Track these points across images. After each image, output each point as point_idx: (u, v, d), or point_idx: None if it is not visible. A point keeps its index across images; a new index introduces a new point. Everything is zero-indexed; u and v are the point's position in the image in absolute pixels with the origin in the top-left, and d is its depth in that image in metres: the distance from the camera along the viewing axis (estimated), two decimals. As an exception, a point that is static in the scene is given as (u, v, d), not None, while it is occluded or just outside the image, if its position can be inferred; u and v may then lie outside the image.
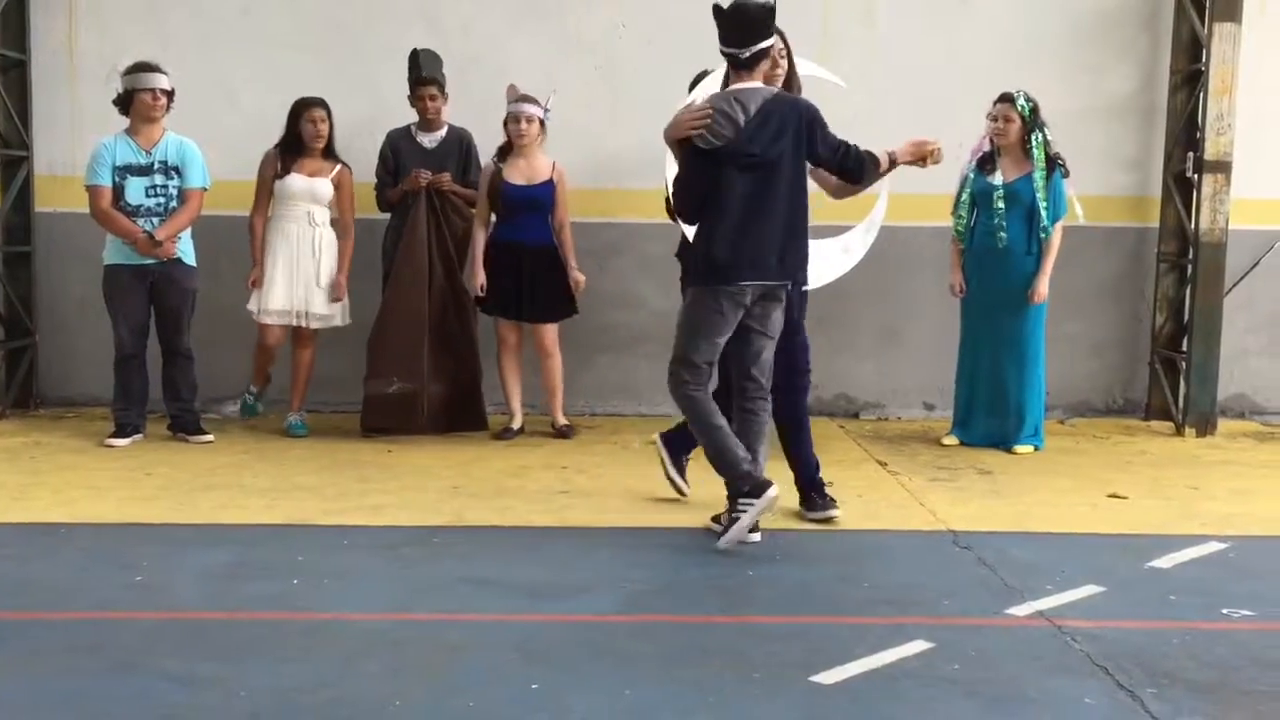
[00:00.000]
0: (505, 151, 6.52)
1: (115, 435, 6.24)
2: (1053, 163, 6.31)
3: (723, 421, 4.62)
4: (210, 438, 6.35)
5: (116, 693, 3.24)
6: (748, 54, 4.52)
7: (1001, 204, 6.28)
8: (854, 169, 4.64)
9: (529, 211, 6.48)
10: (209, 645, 3.57)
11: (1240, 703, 3.25)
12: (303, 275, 6.41)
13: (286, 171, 6.40)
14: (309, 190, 6.41)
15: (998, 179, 6.34)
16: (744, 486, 4.52)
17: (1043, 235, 6.30)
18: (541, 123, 6.47)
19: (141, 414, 6.37)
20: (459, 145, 6.61)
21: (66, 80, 7.14)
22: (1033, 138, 6.27)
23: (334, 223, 6.54)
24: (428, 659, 3.48)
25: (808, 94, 4.93)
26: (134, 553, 4.42)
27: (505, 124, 6.48)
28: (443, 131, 6.61)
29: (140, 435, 6.32)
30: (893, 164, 4.71)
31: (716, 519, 4.74)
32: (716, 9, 4.54)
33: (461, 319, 6.47)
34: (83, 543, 4.59)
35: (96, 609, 3.87)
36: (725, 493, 4.63)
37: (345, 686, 3.28)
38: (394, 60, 6.67)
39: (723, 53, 4.59)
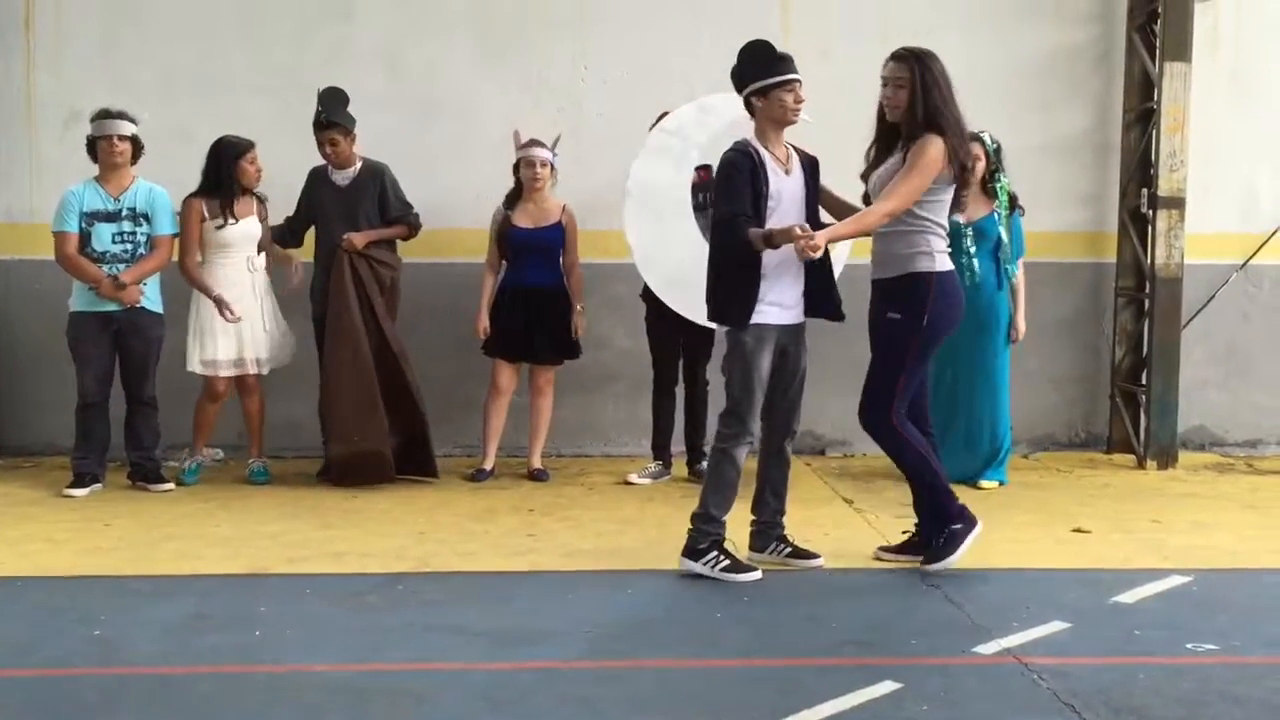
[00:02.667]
0: (514, 198, 6.54)
1: (74, 485, 6.16)
2: (1013, 201, 6.43)
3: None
4: (171, 486, 6.28)
5: (73, 752, 3.17)
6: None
7: (971, 242, 6.38)
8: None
9: (535, 254, 6.49)
10: (169, 701, 3.51)
11: (1206, 739, 3.26)
12: (248, 321, 6.33)
13: (225, 218, 6.26)
14: (246, 236, 6.33)
15: (962, 218, 6.42)
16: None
17: (1010, 272, 6.43)
18: (551, 166, 6.49)
19: (101, 462, 6.29)
20: (373, 181, 6.49)
21: (24, 126, 7.09)
22: (996, 177, 6.39)
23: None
24: (392, 710, 3.43)
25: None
26: (92, 606, 4.34)
27: (516, 169, 6.51)
28: (355, 168, 6.50)
29: (99, 485, 6.24)
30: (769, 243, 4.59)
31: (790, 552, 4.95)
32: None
33: (398, 373, 6.36)
34: (39, 597, 4.51)
35: (53, 665, 3.80)
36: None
37: (308, 741, 3.24)
38: (355, 103, 6.66)
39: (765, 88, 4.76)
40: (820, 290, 4.83)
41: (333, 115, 6.35)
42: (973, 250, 6.37)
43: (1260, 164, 7.51)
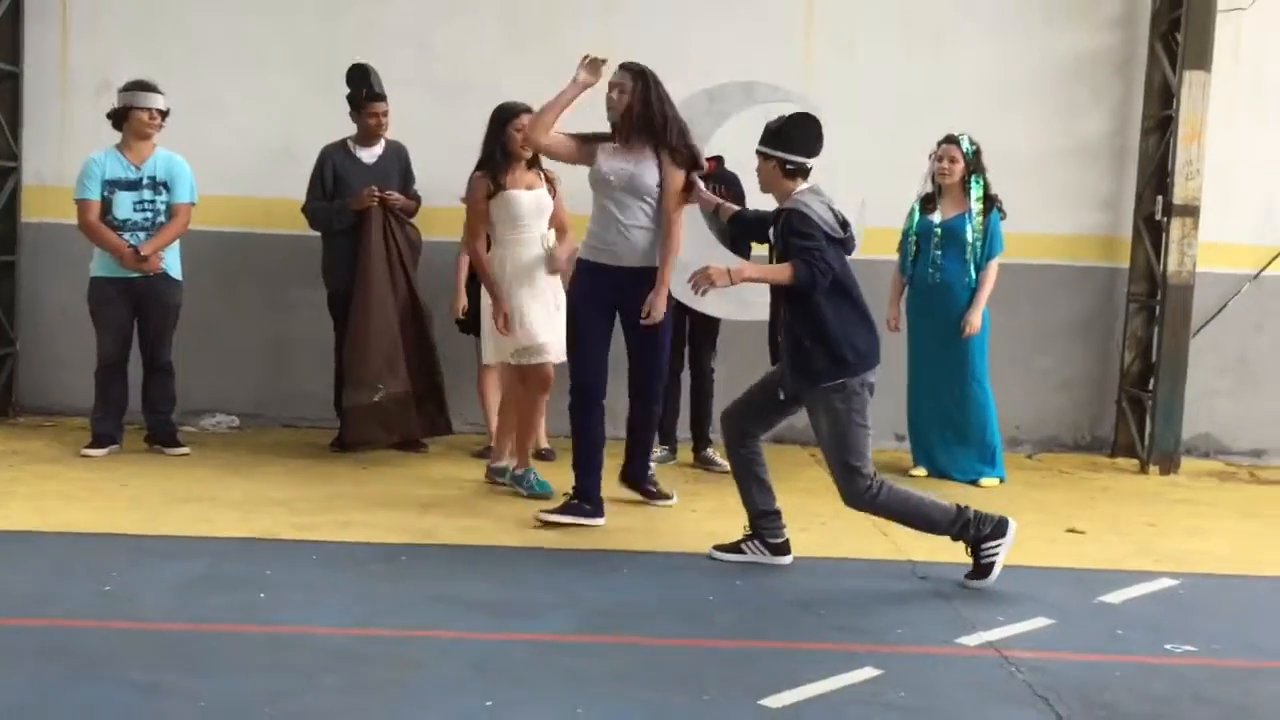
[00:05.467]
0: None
1: (92, 445, 6.31)
2: (991, 203, 6.49)
3: (915, 492, 4.71)
4: (186, 450, 6.42)
5: (78, 700, 3.31)
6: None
7: (939, 243, 6.45)
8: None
9: None
10: (173, 655, 3.64)
11: (1174, 736, 3.34)
12: (545, 304, 5.68)
13: (500, 188, 5.66)
14: (537, 208, 5.75)
15: (937, 218, 6.51)
16: (985, 529, 4.57)
17: (974, 272, 6.46)
18: None
19: (119, 425, 6.44)
20: (397, 159, 6.64)
21: (58, 93, 7.23)
22: (973, 179, 6.46)
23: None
24: (387, 674, 3.55)
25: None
26: (105, 563, 4.49)
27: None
28: (380, 146, 6.63)
29: (117, 446, 6.39)
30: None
31: (719, 547, 4.89)
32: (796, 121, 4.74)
33: (421, 328, 6.55)
34: (55, 551, 4.66)
35: (65, 617, 3.94)
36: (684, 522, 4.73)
37: (304, 699, 3.36)
38: (384, 82, 6.76)
39: (798, 164, 4.70)
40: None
41: (378, 87, 6.48)
42: (939, 252, 6.45)
43: (1278, 175, 7.52)
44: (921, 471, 6.67)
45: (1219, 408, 7.62)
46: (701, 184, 5.42)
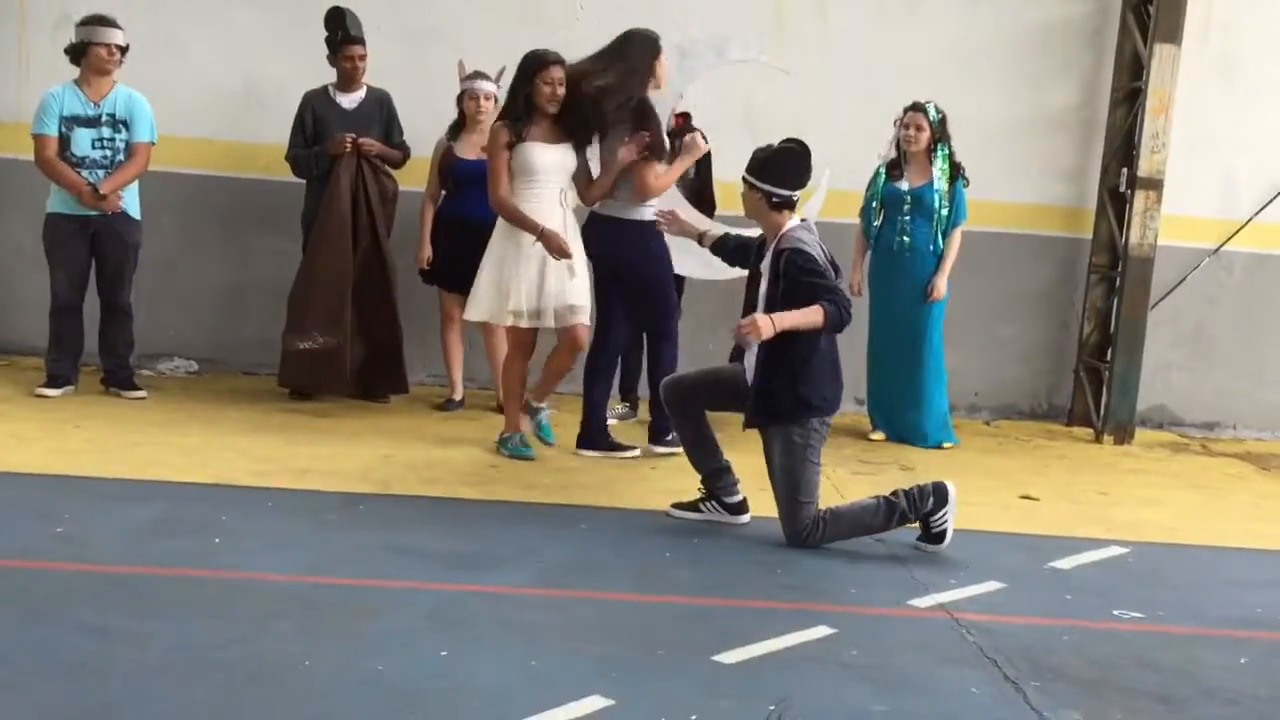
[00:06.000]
0: (458, 128, 6.56)
1: (47, 385, 6.23)
2: (956, 170, 6.53)
3: (845, 510, 4.64)
4: (143, 394, 6.35)
5: (27, 641, 3.27)
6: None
7: (909, 209, 6.49)
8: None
9: (479, 186, 6.51)
10: (125, 599, 3.62)
11: (1117, 700, 3.40)
12: (557, 265, 5.47)
13: (519, 139, 5.44)
14: (561, 163, 5.55)
15: (904, 185, 6.53)
16: (926, 505, 4.56)
17: (942, 240, 6.52)
18: (495, 99, 6.51)
19: (75, 366, 6.36)
20: (379, 106, 6.56)
21: (16, 26, 7.07)
22: (939, 147, 6.49)
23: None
24: (340, 622, 3.55)
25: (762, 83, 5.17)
26: (57, 504, 4.44)
27: (460, 100, 6.52)
28: (362, 92, 6.55)
29: (72, 387, 6.31)
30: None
31: (678, 505, 4.91)
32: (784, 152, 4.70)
33: (383, 282, 6.46)
34: (5, 492, 4.61)
35: (14, 558, 3.90)
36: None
37: (256, 644, 3.35)
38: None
39: (786, 197, 4.67)
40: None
41: (357, 30, 6.39)
42: (908, 218, 6.50)
43: (1242, 151, 7.57)
44: (880, 435, 6.72)
45: (1174, 380, 7.72)
46: (680, 213, 5.50)
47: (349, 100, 6.52)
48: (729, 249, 5.19)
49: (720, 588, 4.18)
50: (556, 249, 5.42)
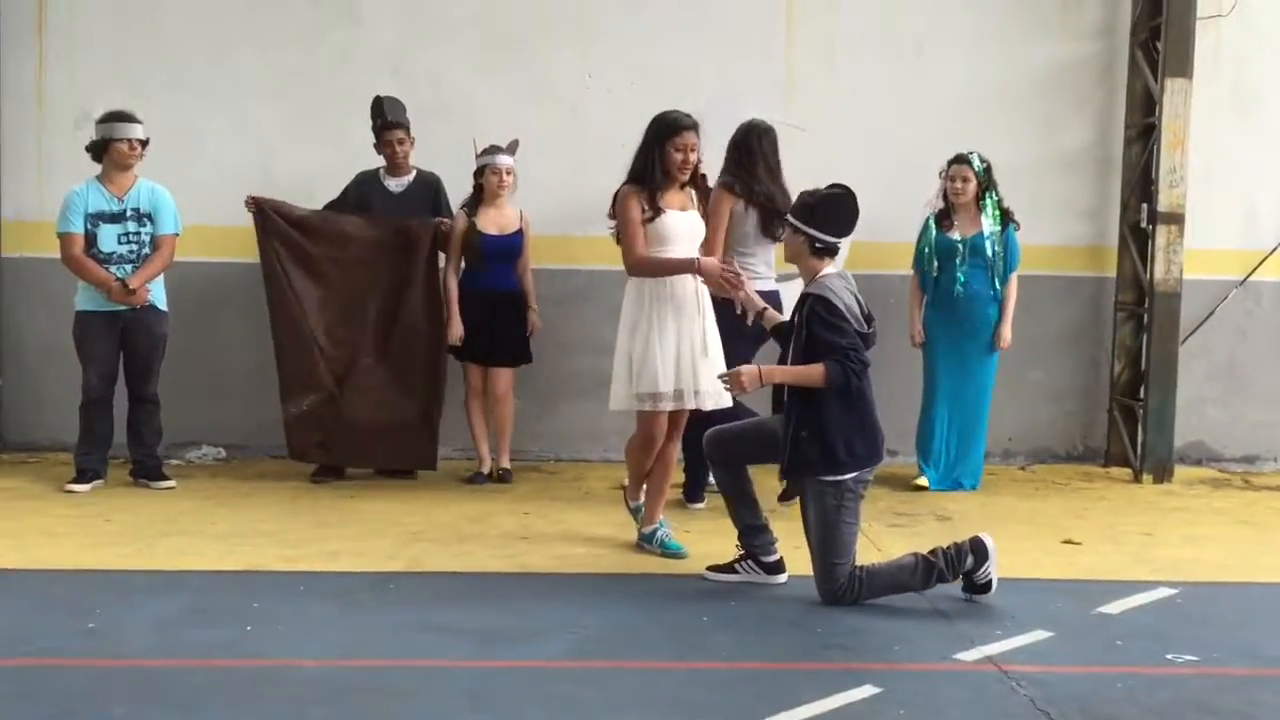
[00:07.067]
0: (475, 202, 6.61)
1: (76, 480, 6.23)
2: (1007, 216, 6.61)
3: (883, 569, 4.54)
4: (172, 484, 6.34)
5: (60, 740, 3.23)
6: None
7: (963, 258, 6.55)
8: None
9: (502, 260, 6.60)
10: (157, 693, 3.56)
11: (1178, 748, 3.29)
12: (690, 342, 5.05)
13: (656, 210, 5.01)
14: (691, 231, 5.14)
15: (956, 235, 6.57)
16: (965, 564, 4.47)
17: (999, 285, 6.62)
18: (514, 172, 6.57)
19: (104, 459, 6.36)
20: (426, 188, 6.69)
21: (35, 126, 7.18)
22: (988, 195, 6.58)
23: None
24: (374, 705, 3.48)
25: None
26: (87, 599, 4.41)
27: (478, 176, 6.57)
28: (410, 176, 6.69)
29: (101, 481, 6.31)
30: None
31: (713, 568, 4.83)
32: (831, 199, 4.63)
33: (429, 356, 6.50)
34: (35, 589, 4.58)
35: (44, 655, 3.86)
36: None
37: (291, 733, 3.29)
38: (363, 108, 6.73)
39: (829, 243, 4.60)
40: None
41: (395, 115, 6.53)
42: (965, 266, 6.58)
43: (1261, 180, 7.52)
44: (924, 481, 6.67)
45: (1209, 415, 7.60)
46: (752, 292, 5.05)
47: (396, 184, 6.65)
48: (784, 336, 4.83)
49: (760, 651, 4.09)
50: (719, 280, 4.95)
